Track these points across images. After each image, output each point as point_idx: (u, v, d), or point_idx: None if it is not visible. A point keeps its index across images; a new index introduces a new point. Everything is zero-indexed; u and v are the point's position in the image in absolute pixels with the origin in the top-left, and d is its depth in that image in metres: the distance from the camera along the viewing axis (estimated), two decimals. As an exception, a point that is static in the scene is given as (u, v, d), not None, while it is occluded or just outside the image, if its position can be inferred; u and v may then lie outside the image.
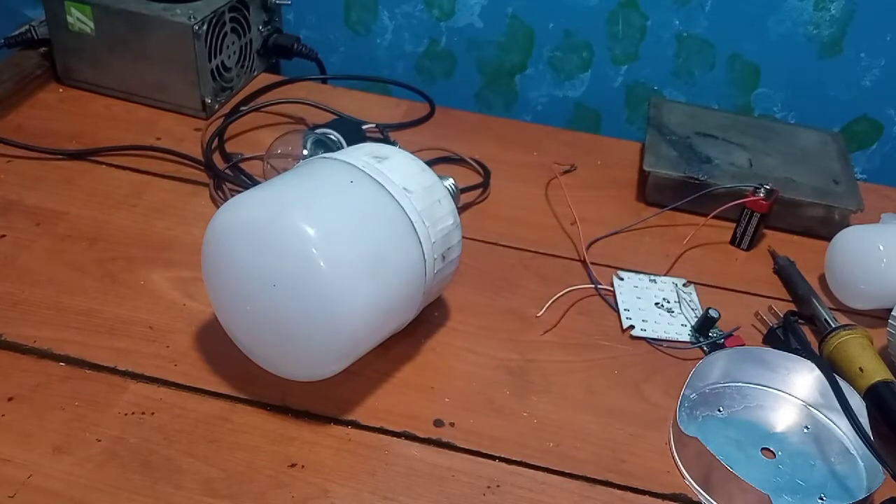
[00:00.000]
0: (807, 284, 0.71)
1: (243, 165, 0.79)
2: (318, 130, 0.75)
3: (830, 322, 0.66)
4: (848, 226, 0.74)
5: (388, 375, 0.60)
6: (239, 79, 0.91)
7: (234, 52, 0.89)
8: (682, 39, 0.95)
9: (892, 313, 0.62)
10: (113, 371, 0.58)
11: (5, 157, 0.78)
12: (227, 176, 0.77)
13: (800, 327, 0.66)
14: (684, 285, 0.71)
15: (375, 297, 0.53)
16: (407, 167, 0.58)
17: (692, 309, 0.69)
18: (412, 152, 0.62)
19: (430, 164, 0.82)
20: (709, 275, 0.73)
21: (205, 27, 0.82)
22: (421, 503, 0.52)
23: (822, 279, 0.73)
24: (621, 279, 0.71)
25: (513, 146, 0.88)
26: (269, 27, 0.95)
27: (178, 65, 0.83)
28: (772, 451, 0.58)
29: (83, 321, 0.62)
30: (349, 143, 0.75)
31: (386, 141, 0.82)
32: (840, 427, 0.60)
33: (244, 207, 0.54)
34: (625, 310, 0.68)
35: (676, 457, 0.57)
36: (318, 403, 0.57)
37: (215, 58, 0.86)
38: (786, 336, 0.65)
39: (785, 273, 0.74)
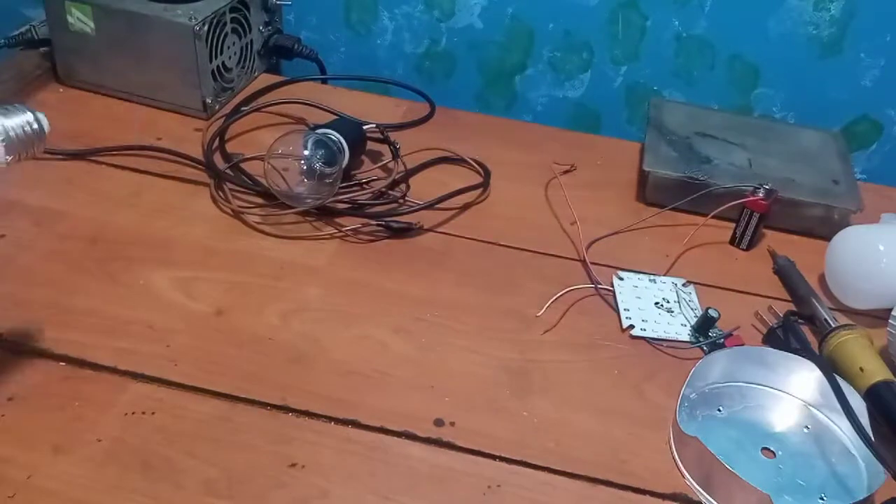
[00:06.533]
0: (806, 284, 0.71)
1: (244, 165, 0.79)
2: (319, 130, 0.75)
3: (830, 322, 0.66)
4: (848, 226, 0.74)
5: (388, 375, 0.60)
6: (239, 79, 0.91)
7: (235, 53, 0.89)
8: (682, 40, 0.95)
9: (893, 313, 0.62)
10: (113, 371, 0.58)
11: (5, 157, 0.78)
12: (228, 176, 0.77)
13: (800, 327, 0.66)
14: (684, 285, 0.71)
15: None
16: None
17: (692, 309, 0.69)
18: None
19: (430, 164, 0.83)
20: (708, 275, 0.73)
21: (206, 28, 0.82)
22: (421, 503, 0.52)
23: (822, 279, 0.73)
24: (621, 279, 0.71)
25: (513, 146, 0.88)
26: (270, 28, 0.95)
27: (178, 65, 0.83)
28: (772, 451, 0.58)
29: (83, 321, 0.62)
30: (349, 143, 0.75)
31: (386, 141, 0.82)
32: (840, 427, 0.60)
33: None
34: (625, 310, 0.68)
35: (676, 456, 0.57)
36: (318, 403, 0.57)
37: (216, 58, 0.86)
38: (786, 336, 0.65)
39: (785, 273, 0.74)
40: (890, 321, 0.62)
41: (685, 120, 0.87)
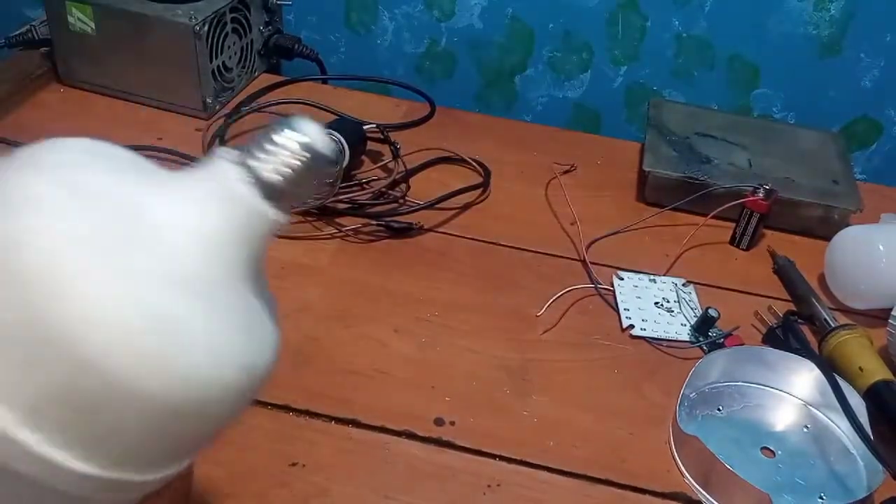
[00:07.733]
0: (806, 284, 0.71)
1: (244, 165, 0.79)
2: (319, 130, 0.75)
3: (830, 322, 0.66)
4: (848, 226, 0.74)
5: (389, 375, 0.61)
6: (240, 79, 0.91)
7: (235, 53, 0.89)
8: (682, 40, 0.95)
9: (893, 313, 0.63)
10: (114, 370, 0.58)
11: (6, 157, 0.78)
12: (228, 176, 0.77)
13: (799, 327, 0.67)
14: (684, 285, 0.72)
15: None
16: None
17: (692, 308, 0.69)
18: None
19: (430, 164, 0.83)
20: (708, 274, 0.73)
21: (206, 27, 0.82)
22: (421, 502, 0.52)
23: (822, 279, 0.73)
24: (621, 279, 0.71)
25: (513, 146, 0.88)
26: (270, 28, 0.95)
27: (179, 65, 0.83)
28: (771, 451, 0.58)
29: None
30: (349, 143, 0.75)
31: (386, 141, 0.81)
32: (840, 426, 0.60)
33: None
34: (625, 309, 0.68)
35: (676, 456, 0.57)
36: (318, 402, 0.58)
37: (216, 58, 0.86)
38: (785, 336, 0.65)
39: (784, 273, 0.74)
40: (890, 321, 0.62)
41: (685, 120, 0.87)
